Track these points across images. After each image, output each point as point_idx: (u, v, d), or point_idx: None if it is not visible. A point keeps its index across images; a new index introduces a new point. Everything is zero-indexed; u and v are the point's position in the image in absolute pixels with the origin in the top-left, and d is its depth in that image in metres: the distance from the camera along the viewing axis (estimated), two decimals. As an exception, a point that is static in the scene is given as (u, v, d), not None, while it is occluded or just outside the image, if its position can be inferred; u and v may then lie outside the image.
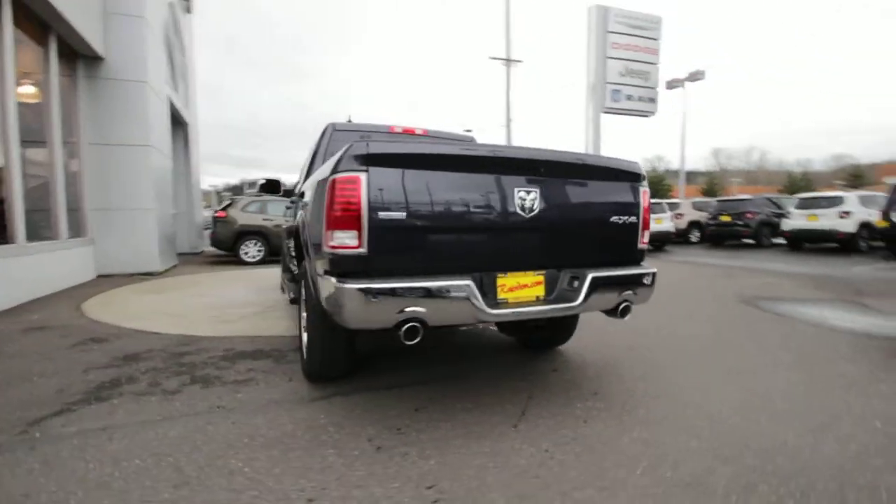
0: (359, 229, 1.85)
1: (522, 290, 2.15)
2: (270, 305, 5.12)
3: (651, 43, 12.79)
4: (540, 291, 2.21)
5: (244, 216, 10.08)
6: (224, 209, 10.14)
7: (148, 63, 7.57)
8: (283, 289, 6.04)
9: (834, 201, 11.58)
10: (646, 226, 2.50)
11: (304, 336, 2.87)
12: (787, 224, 12.16)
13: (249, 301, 5.37)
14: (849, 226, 11.03)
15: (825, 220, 11.35)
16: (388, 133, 3.77)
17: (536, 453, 1.92)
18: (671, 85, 24.46)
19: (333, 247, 1.90)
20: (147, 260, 7.60)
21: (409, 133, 3.85)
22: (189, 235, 12.29)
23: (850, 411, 2.31)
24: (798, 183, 43.43)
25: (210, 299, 5.48)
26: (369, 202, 1.85)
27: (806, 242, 12.20)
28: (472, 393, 2.56)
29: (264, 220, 10.15)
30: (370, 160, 1.87)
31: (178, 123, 11.33)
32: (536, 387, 2.65)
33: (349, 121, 3.86)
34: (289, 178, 4.39)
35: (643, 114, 14.25)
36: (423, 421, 2.21)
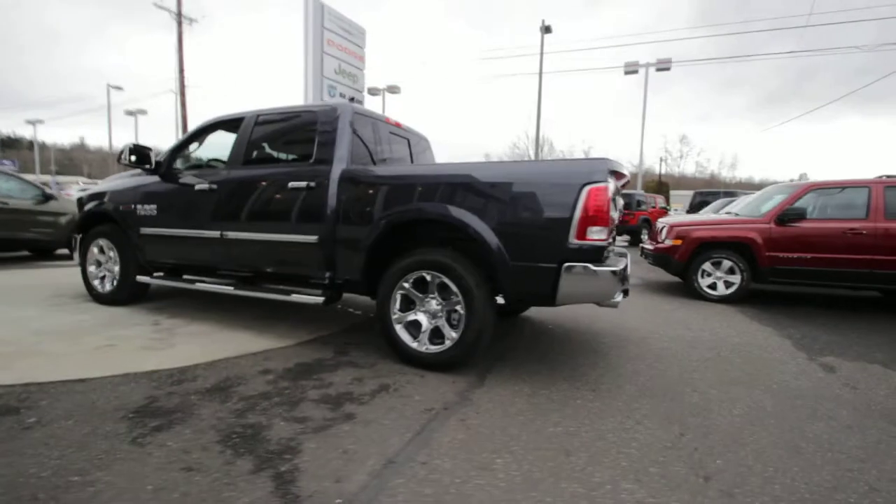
0: (609, 226, 2.45)
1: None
2: (154, 322, 3.63)
3: (358, 50, 13.69)
4: None
5: None
6: None
7: None
8: (98, 298, 4.12)
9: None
10: None
11: (402, 332, 2.82)
12: None
13: (100, 321, 3.58)
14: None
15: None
16: (387, 123, 3.72)
17: (684, 373, 2.93)
18: (372, 92, 27.44)
19: (590, 239, 2.39)
20: None
21: (397, 125, 3.87)
22: None
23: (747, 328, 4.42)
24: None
25: (30, 326, 3.28)
26: (611, 205, 2.48)
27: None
28: (569, 350, 3.28)
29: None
30: (611, 174, 2.47)
31: None
32: (590, 340, 3.57)
33: (352, 100, 3.47)
34: None
35: (353, 113, 15.65)
36: (586, 374, 2.82)
